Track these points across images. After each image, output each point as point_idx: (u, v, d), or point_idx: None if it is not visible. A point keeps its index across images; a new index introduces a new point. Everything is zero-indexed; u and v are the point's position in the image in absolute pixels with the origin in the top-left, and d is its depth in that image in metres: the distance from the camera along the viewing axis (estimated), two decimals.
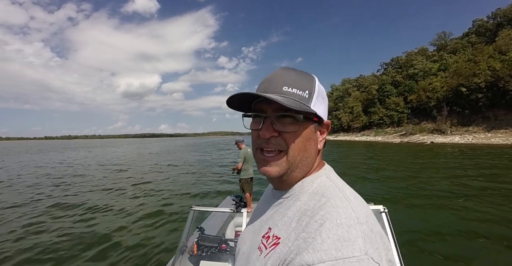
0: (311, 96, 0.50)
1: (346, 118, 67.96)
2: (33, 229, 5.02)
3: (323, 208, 0.44)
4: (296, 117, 0.49)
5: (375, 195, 6.89)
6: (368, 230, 0.41)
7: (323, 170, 0.56)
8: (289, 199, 0.53)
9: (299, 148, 0.50)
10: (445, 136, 38.36)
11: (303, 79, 0.51)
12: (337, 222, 0.40)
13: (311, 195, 0.50)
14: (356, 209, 0.44)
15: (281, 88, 0.49)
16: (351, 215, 0.42)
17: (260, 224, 0.57)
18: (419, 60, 56.54)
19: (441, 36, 62.18)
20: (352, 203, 0.45)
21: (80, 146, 62.47)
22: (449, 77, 45.04)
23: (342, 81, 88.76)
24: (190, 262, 2.19)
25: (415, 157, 17.15)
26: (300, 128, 0.50)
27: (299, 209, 0.49)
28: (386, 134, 51.81)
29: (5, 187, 9.43)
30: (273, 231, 0.50)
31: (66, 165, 17.23)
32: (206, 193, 7.88)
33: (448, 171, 10.41)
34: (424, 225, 4.70)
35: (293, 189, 0.54)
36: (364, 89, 67.23)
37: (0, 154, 32.57)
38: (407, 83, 54.37)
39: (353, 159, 17.31)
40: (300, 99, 0.49)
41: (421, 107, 48.80)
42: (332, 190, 0.49)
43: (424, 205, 5.87)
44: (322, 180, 0.53)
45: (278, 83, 0.50)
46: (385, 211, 2.07)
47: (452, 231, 4.39)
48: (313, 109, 0.50)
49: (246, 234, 0.62)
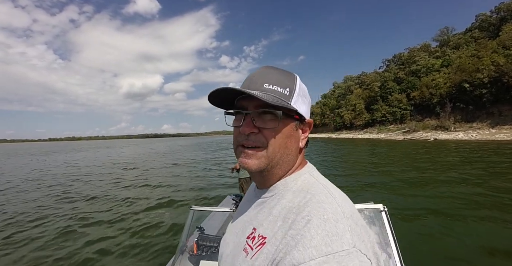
0: (291, 94, 0.51)
1: (348, 116, 67.68)
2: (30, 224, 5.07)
3: (308, 204, 0.44)
4: (276, 114, 0.49)
5: (376, 193, 6.88)
6: (353, 224, 0.41)
7: (306, 168, 0.57)
8: (273, 198, 0.53)
9: (279, 144, 0.50)
10: (448, 133, 38.05)
11: (284, 77, 0.52)
12: (324, 218, 0.40)
13: (296, 193, 0.50)
14: (341, 204, 0.44)
15: (262, 86, 0.50)
16: (336, 210, 0.42)
17: (243, 225, 0.57)
18: (421, 56, 56.05)
19: (444, 31, 61.61)
20: (336, 198, 0.46)
21: (86, 147, 62.68)
22: (452, 73, 44.53)
23: (344, 78, 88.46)
24: (190, 262, 2.19)
25: (417, 153, 17.05)
26: (279, 125, 0.50)
27: (284, 207, 0.48)
28: (389, 131, 51.50)
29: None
30: (258, 231, 0.50)
31: (78, 165, 17.41)
32: (211, 192, 7.90)
33: (451, 168, 10.34)
34: (425, 224, 4.69)
35: (276, 187, 0.54)
36: (366, 86, 66.85)
37: (24, 154, 32.98)
38: (410, 79, 53.92)
39: (355, 157, 17.26)
40: (280, 96, 0.50)
41: (424, 104, 48.39)
42: (316, 186, 0.49)
43: (426, 203, 5.85)
44: (306, 178, 0.53)
45: (259, 80, 0.51)
46: (385, 209, 2.04)
47: (453, 229, 4.38)
48: (294, 107, 0.50)
49: (228, 236, 0.61)
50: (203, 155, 23.67)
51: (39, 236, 4.78)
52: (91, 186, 9.64)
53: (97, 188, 9.08)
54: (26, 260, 3.88)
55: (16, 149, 59.35)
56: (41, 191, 8.89)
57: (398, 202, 6.02)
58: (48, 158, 28.05)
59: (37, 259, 3.89)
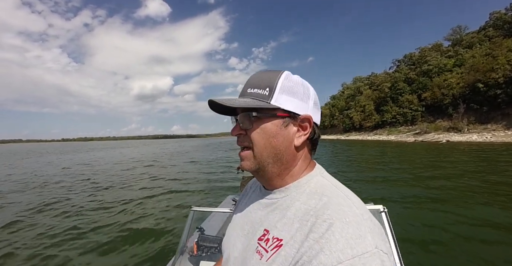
0: (272, 92, 0.51)
1: (358, 117, 66.76)
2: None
3: (327, 207, 0.45)
4: (248, 114, 0.51)
5: (380, 194, 6.81)
6: (372, 225, 0.43)
7: (316, 170, 0.57)
8: (284, 199, 0.53)
9: (263, 144, 0.52)
10: (461, 134, 37.01)
11: (265, 78, 0.53)
12: (346, 221, 0.41)
13: (310, 195, 0.50)
14: (358, 206, 0.45)
15: (246, 91, 0.53)
16: (356, 212, 0.43)
17: (252, 226, 0.56)
18: (433, 56, 54.75)
19: (456, 30, 60.04)
20: (353, 200, 0.47)
21: (102, 147, 63.77)
22: (465, 73, 43.34)
23: (354, 79, 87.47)
24: (190, 262, 2.19)
25: (429, 156, 16.70)
26: (254, 125, 0.52)
27: (299, 209, 0.49)
28: (400, 133, 50.50)
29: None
30: (272, 233, 0.50)
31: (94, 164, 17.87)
32: (217, 191, 7.99)
33: (463, 170, 10.11)
34: (428, 226, 4.63)
35: (289, 188, 0.54)
36: (376, 87, 65.80)
37: (49, 153, 34.20)
38: (421, 80, 52.77)
39: (364, 159, 17.06)
40: (259, 97, 0.51)
41: (436, 105, 47.25)
42: (330, 188, 0.50)
43: (431, 206, 5.76)
44: (318, 180, 0.54)
45: (245, 87, 0.54)
46: (385, 210, 2.05)
47: (455, 233, 4.31)
48: (274, 104, 0.51)
49: (234, 238, 0.60)
50: (222, 153, 23.81)
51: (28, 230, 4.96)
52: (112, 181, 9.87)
53: (115, 184, 9.29)
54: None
55: (35, 149, 61.11)
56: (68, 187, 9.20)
57: (403, 202, 5.96)
58: (74, 156, 29.11)
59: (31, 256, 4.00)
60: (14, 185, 10.42)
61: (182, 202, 7.09)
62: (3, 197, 8.23)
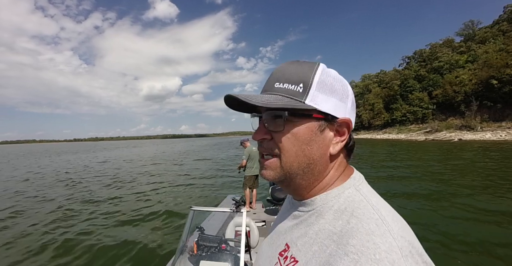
0: (306, 89, 0.43)
1: (366, 115, 65.83)
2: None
3: (354, 234, 0.36)
4: (279, 114, 0.43)
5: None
6: (414, 264, 0.33)
7: (351, 180, 0.47)
8: (310, 214, 0.46)
9: (294, 152, 0.43)
10: (474, 133, 36.01)
11: (299, 71, 0.44)
12: (376, 258, 0.32)
13: (337, 213, 0.42)
14: (396, 236, 0.35)
15: (273, 86, 0.45)
16: (391, 246, 0.33)
17: (278, 237, 0.51)
18: (444, 52, 53.53)
19: (469, 25, 58.44)
20: (390, 226, 0.36)
21: (114, 147, 65.04)
22: (478, 69, 42.19)
23: (362, 77, 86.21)
24: (190, 262, 2.17)
25: (440, 155, 16.35)
26: (286, 128, 0.43)
27: (322, 229, 0.42)
28: (410, 131, 49.54)
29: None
30: (291, 250, 0.44)
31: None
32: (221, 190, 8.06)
33: (476, 170, 9.86)
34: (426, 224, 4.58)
35: (315, 202, 0.46)
36: (386, 85, 64.74)
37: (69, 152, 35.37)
38: (432, 77, 51.65)
39: (373, 158, 16.84)
40: (291, 94, 0.43)
41: (448, 103, 46.18)
42: (364, 207, 0.40)
43: (440, 206, 5.67)
44: (350, 193, 0.44)
45: (272, 80, 0.45)
46: None
47: (455, 231, 4.25)
48: (309, 104, 0.42)
49: (264, 246, 0.56)
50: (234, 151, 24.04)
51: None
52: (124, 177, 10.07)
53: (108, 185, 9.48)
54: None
55: (51, 149, 62.73)
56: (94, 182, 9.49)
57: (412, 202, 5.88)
58: (89, 155, 30.03)
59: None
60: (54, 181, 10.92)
61: (183, 202, 7.15)
62: (52, 189, 9.60)
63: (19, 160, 29.32)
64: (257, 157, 5.25)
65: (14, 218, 6.19)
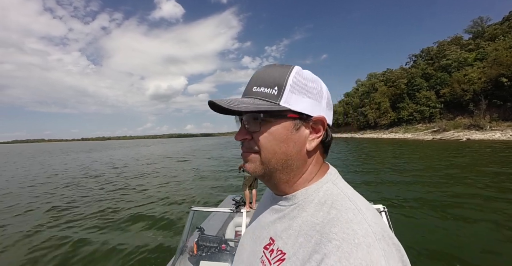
0: (281, 92, 0.45)
1: (372, 115, 65.24)
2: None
3: (335, 223, 0.40)
4: (256, 117, 0.46)
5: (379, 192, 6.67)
6: (386, 245, 0.37)
7: (328, 175, 0.51)
8: (292, 208, 0.49)
9: (272, 149, 0.47)
10: (483, 132, 35.32)
11: (274, 75, 0.47)
12: (355, 242, 0.36)
13: (318, 206, 0.45)
14: (371, 223, 0.40)
15: (251, 90, 0.47)
16: (367, 231, 0.38)
17: (260, 231, 0.54)
18: (452, 50, 52.63)
19: (477, 22, 57.23)
20: (365, 215, 0.41)
21: (126, 146, 64.69)
22: (488, 67, 41.33)
23: (368, 76, 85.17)
24: (190, 262, 2.19)
25: (446, 155, 16.09)
26: (262, 128, 0.46)
27: (305, 221, 0.44)
28: (417, 131, 48.85)
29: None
30: (277, 243, 0.46)
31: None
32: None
33: (483, 172, 9.70)
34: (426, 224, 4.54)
35: (296, 196, 0.49)
36: (392, 83, 63.89)
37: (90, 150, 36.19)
38: (439, 75, 50.81)
39: (379, 158, 16.68)
40: (266, 97, 0.45)
41: (456, 101, 45.41)
42: (341, 199, 0.44)
43: (428, 203, 5.60)
44: (329, 187, 0.48)
45: (250, 84, 0.48)
46: (385, 210, 2.08)
47: (456, 231, 4.22)
48: (283, 105, 0.45)
49: (246, 240, 0.58)
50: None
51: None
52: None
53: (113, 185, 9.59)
54: None
55: (62, 148, 63.51)
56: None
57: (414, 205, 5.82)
58: (105, 153, 30.68)
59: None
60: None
61: (183, 201, 7.20)
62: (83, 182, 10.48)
63: (45, 157, 30.38)
64: None
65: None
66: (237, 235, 3.17)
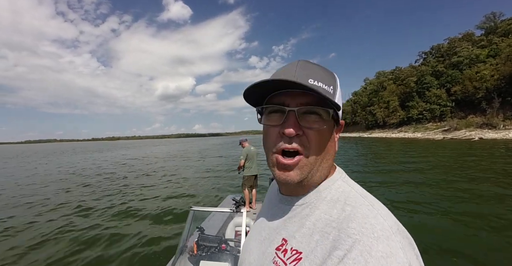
0: (335, 92, 0.45)
1: (381, 113, 64.30)
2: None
3: (352, 219, 0.40)
4: (325, 112, 0.44)
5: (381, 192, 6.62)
6: (402, 238, 0.38)
7: (337, 174, 0.51)
8: (303, 207, 0.48)
9: (324, 149, 0.46)
10: (496, 131, 34.36)
11: (327, 74, 0.47)
12: (375, 236, 0.37)
13: (331, 203, 0.45)
14: (385, 217, 0.40)
15: (307, 81, 0.43)
16: (384, 225, 0.38)
17: (270, 233, 0.52)
18: (463, 46, 51.24)
19: (490, 18, 55.53)
20: (379, 210, 0.41)
21: (138, 146, 64.00)
22: (501, 63, 40.20)
23: (377, 74, 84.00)
24: (190, 262, 2.17)
25: (458, 155, 15.75)
26: (321, 124, 0.44)
27: (319, 218, 0.44)
28: (427, 130, 47.88)
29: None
30: (290, 243, 0.45)
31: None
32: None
33: (494, 172, 9.47)
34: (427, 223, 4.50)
35: (308, 196, 0.49)
36: (401, 82, 62.86)
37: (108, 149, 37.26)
38: (450, 73, 49.65)
39: (387, 158, 16.48)
40: (326, 94, 0.43)
41: (467, 99, 44.28)
42: (354, 196, 0.45)
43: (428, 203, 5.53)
44: (340, 185, 0.48)
45: (302, 75, 0.44)
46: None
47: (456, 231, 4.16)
48: (339, 106, 0.46)
49: (251, 242, 0.57)
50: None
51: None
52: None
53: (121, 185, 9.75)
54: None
55: (75, 147, 63.93)
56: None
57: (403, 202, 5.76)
58: (119, 152, 31.23)
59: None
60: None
61: (183, 201, 7.24)
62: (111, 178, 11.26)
63: (67, 157, 31.03)
64: (255, 157, 5.24)
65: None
66: (237, 235, 3.18)
